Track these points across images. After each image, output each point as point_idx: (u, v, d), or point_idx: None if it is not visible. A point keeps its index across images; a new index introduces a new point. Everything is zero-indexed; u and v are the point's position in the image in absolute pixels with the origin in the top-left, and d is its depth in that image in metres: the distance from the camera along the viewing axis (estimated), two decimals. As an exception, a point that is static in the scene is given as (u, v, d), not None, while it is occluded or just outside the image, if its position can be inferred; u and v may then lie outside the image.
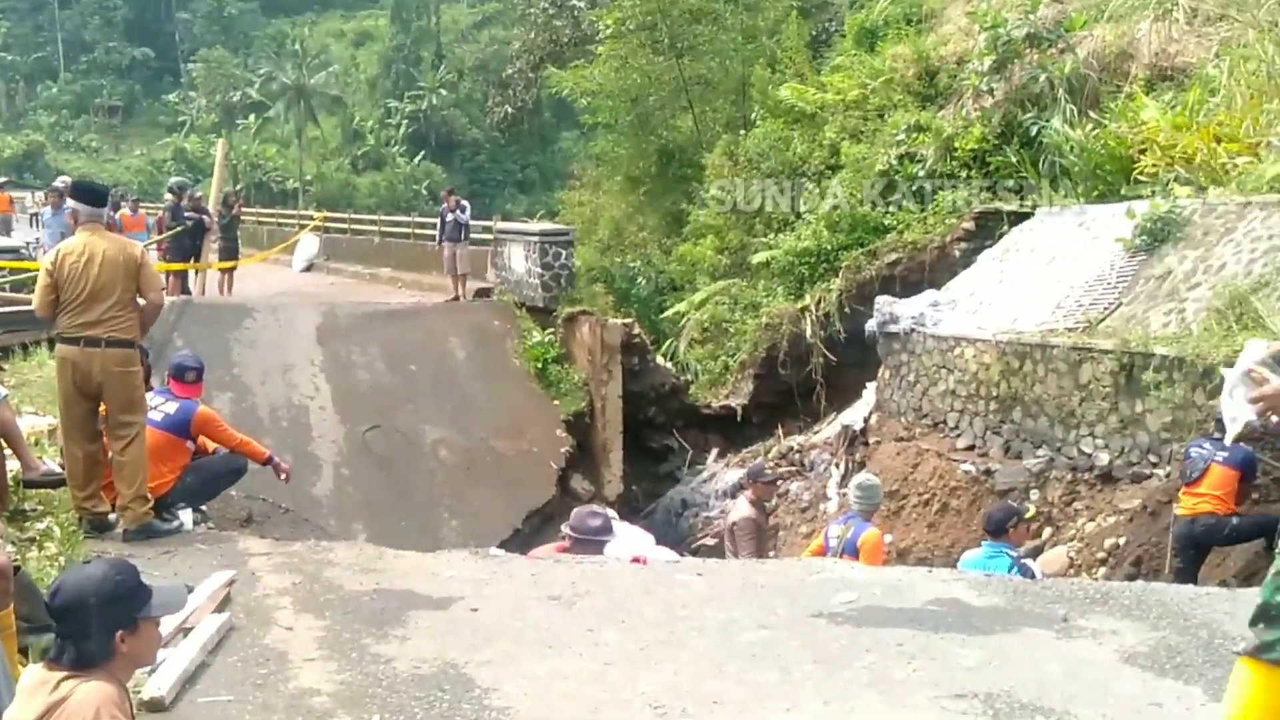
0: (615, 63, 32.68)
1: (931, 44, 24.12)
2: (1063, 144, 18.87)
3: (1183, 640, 5.54)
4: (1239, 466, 9.59)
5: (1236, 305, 12.98)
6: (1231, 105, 16.85)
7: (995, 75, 20.61)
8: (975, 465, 15.12)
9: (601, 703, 4.67)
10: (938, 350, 16.47)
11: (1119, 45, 20.00)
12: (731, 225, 26.23)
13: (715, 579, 6.67)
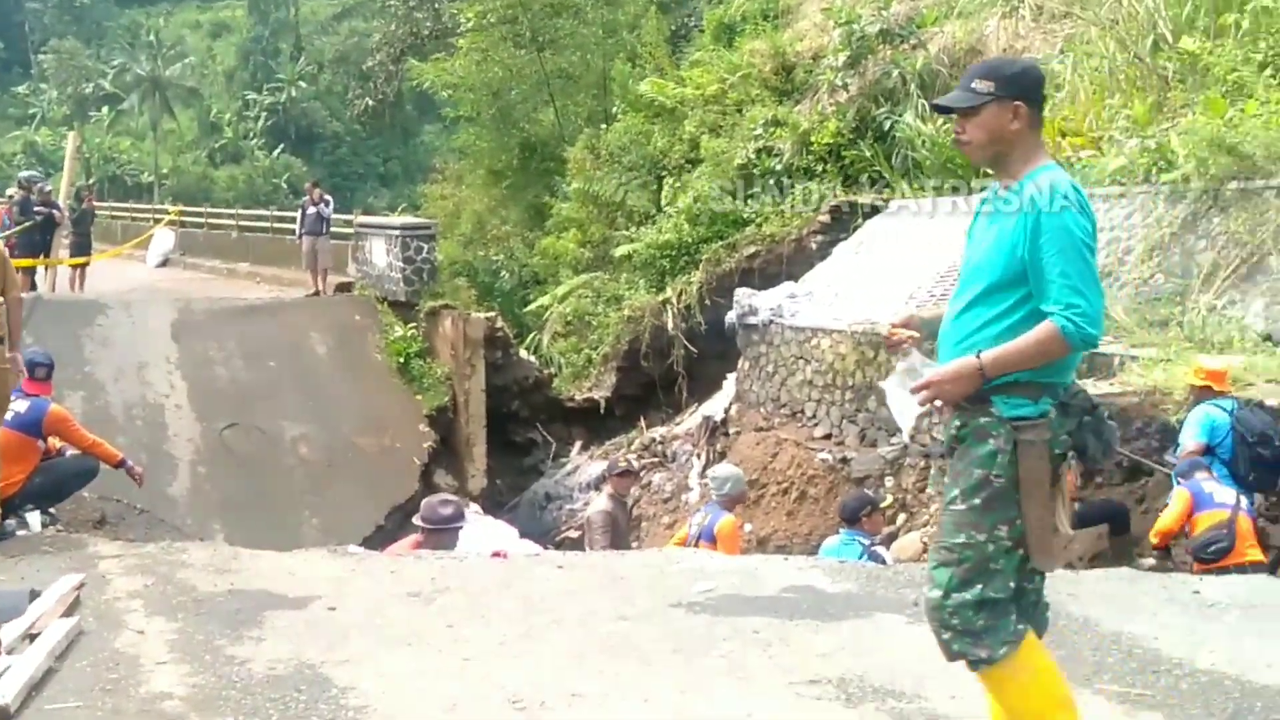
0: (476, 56, 32.53)
1: (788, 40, 24.43)
2: (915, 138, 19.31)
3: None
4: None
5: (1081, 294, 13.40)
6: (1075, 100, 17.42)
7: (850, 71, 20.99)
8: (832, 453, 15.40)
9: (460, 699, 4.66)
10: (795, 341, 16.71)
11: (968, 41, 20.51)
12: (594, 219, 26.29)
13: (575, 572, 6.71)
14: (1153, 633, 5.46)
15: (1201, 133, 13.34)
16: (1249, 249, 12.49)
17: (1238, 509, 8.08)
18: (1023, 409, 3.48)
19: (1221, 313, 12.08)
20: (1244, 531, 7.98)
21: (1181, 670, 4.94)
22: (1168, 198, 13.77)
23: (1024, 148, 3.63)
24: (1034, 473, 3.45)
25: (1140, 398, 10.56)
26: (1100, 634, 5.48)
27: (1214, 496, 8.18)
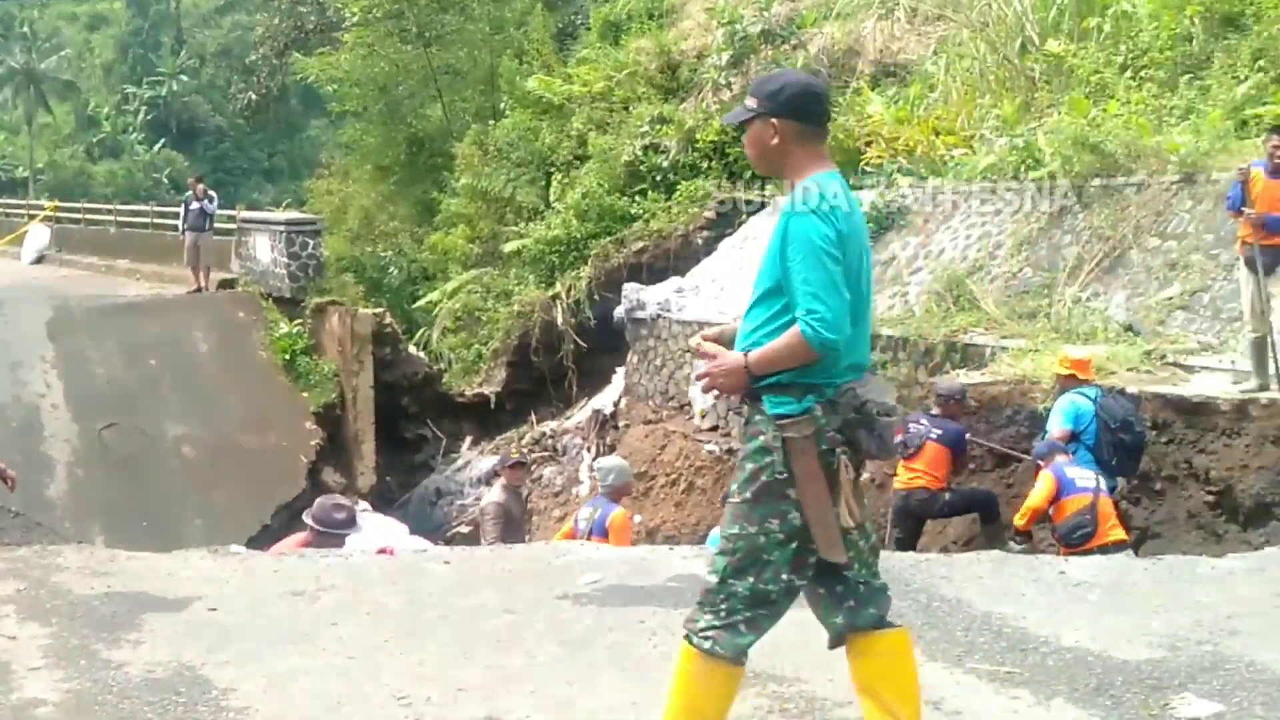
0: (362, 50, 32.22)
1: (673, 38, 24.64)
2: (797, 136, 19.58)
3: (903, 605, 5.75)
4: (950, 444, 10.04)
5: (954, 287, 13.85)
6: (948, 100, 17.91)
7: (733, 70, 21.27)
8: (719, 445, 15.62)
9: (344, 697, 4.65)
10: (683, 335, 16.88)
11: (847, 42, 20.96)
12: (483, 214, 26.22)
13: (463, 566, 6.72)
14: (1021, 612, 5.65)
15: (1066, 132, 13.85)
16: (1111, 243, 12.99)
17: (1098, 492, 8.41)
18: (785, 406, 3.56)
19: (1086, 304, 12.54)
20: (1105, 513, 8.33)
21: (1048, 648, 5.14)
22: (1035, 194, 14.25)
23: (793, 161, 3.70)
24: (804, 468, 3.53)
25: (1010, 387, 10.95)
26: (971, 615, 5.64)
27: (1076, 481, 8.49)
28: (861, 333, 3.68)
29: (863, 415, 3.52)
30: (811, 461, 3.52)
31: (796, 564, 3.62)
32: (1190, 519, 9.58)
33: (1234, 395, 9.69)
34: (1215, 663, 4.88)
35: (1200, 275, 11.91)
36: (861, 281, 3.63)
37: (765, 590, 3.64)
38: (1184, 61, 15.09)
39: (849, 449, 3.54)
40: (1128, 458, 9.11)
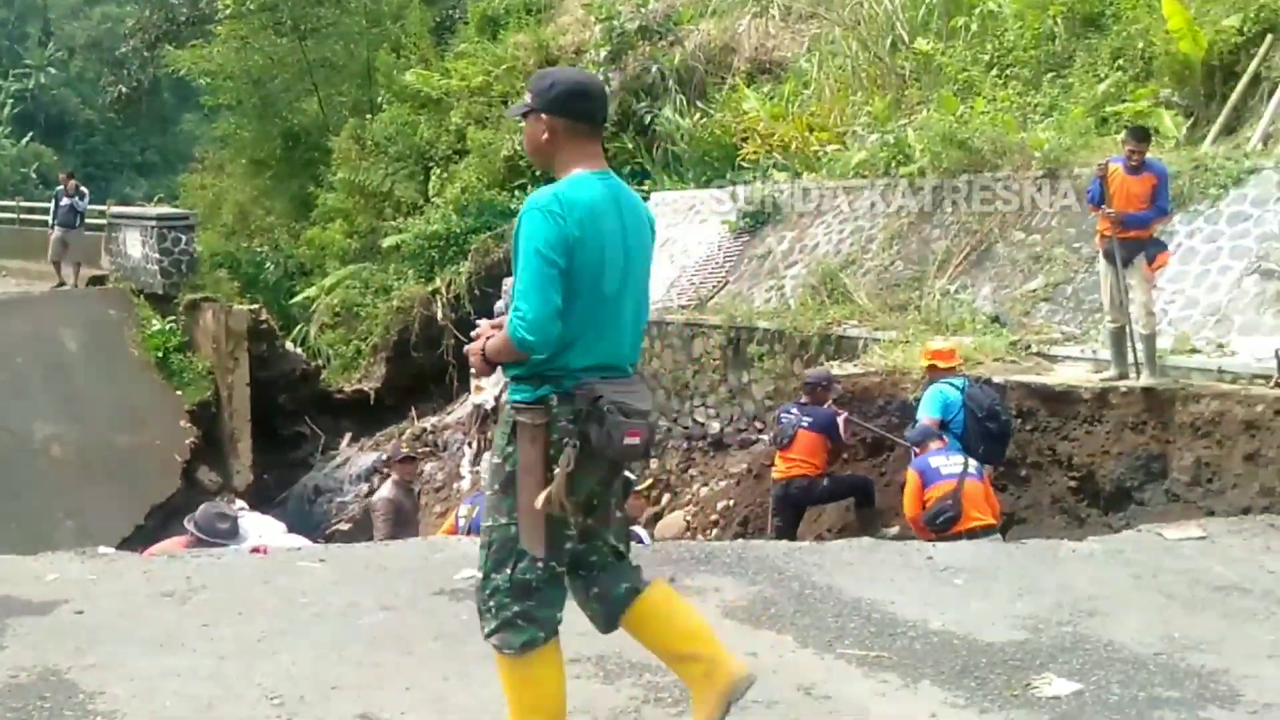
0: (235, 43, 31.71)
1: (551, 34, 24.68)
2: (674, 132, 19.84)
3: (777, 592, 5.90)
4: (822, 429, 10.18)
5: (828, 281, 14.09)
6: (822, 97, 18.20)
7: (611, 65, 21.34)
8: (599, 439, 15.68)
9: (216, 698, 4.56)
10: (561, 330, 16.92)
11: (723, 40, 21.20)
12: (361, 209, 26.01)
13: (338, 564, 6.63)
14: (890, 597, 5.77)
15: (935, 129, 14.17)
16: (978, 237, 13.33)
17: (964, 476, 8.52)
18: (522, 394, 3.63)
19: (955, 296, 12.85)
20: (971, 498, 8.44)
21: (916, 631, 5.26)
22: (906, 190, 14.56)
23: (562, 157, 3.74)
24: (526, 456, 3.59)
25: (881, 377, 11.19)
26: (842, 600, 5.74)
27: (941, 469, 8.63)
28: (610, 333, 3.67)
29: (595, 410, 3.52)
30: (534, 450, 3.56)
31: (550, 550, 3.64)
32: (1054, 504, 9.87)
33: (1095, 384, 10.01)
34: (1075, 643, 5.05)
35: (1063, 268, 12.27)
36: (604, 281, 3.62)
37: (524, 580, 3.66)
38: (1047, 60, 15.52)
39: (578, 443, 3.54)
40: (994, 445, 9.33)
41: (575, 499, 3.58)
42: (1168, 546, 6.70)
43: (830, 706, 4.42)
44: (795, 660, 4.97)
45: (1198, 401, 9.38)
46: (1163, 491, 9.46)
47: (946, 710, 4.38)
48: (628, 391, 3.62)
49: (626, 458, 3.64)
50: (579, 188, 3.61)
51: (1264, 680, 4.54)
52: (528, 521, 3.59)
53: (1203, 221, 11.42)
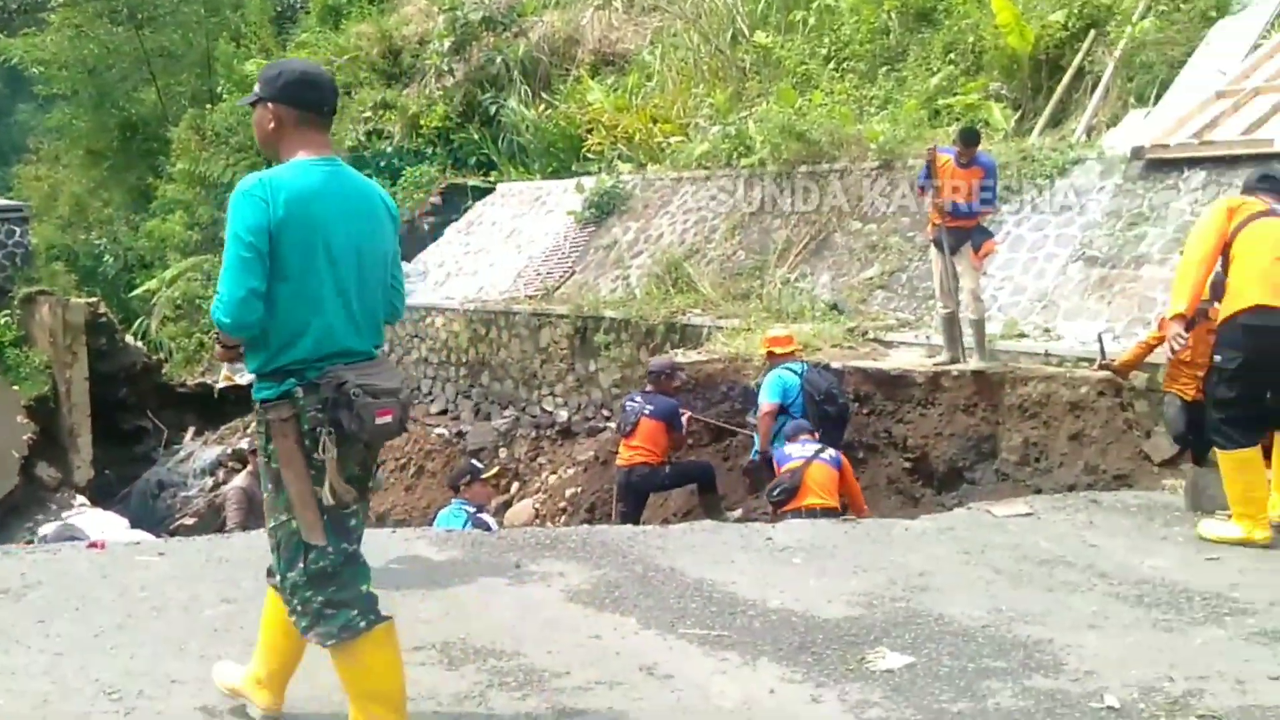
0: (70, 31, 30.57)
1: (394, 24, 24.45)
2: (519, 123, 19.81)
3: (621, 576, 5.94)
4: (664, 418, 10.20)
5: (673, 270, 14.23)
6: (664, 89, 18.35)
7: (455, 56, 21.27)
8: (448, 428, 15.67)
9: (51, 695, 4.42)
10: (410, 320, 16.82)
11: (567, 31, 21.24)
12: (201, 200, 25.36)
13: (178, 557, 6.46)
14: (731, 578, 5.85)
15: (774, 120, 14.41)
16: (817, 226, 13.61)
17: (812, 460, 8.64)
18: (266, 391, 3.65)
19: (795, 285, 13.10)
20: (812, 478, 8.55)
21: (755, 610, 5.35)
22: (747, 180, 14.78)
23: (287, 146, 3.76)
24: (284, 450, 3.62)
25: (724, 364, 11.34)
26: (685, 582, 5.80)
27: (792, 455, 8.77)
28: (341, 319, 3.68)
29: (341, 396, 3.55)
30: (289, 443, 3.59)
31: (337, 532, 3.67)
32: (890, 485, 10.12)
33: (928, 368, 10.30)
34: (908, 617, 5.18)
35: (898, 256, 12.60)
36: (323, 266, 3.63)
37: (319, 568, 3.69)
38: (882, 54, 15.91)
39: (333, 430, 3.57)
40: (832, 428, 9.51)
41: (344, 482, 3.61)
42: (996, 523, 6.90)
43: (672, 685, 4.46)
44: (638, 641, 5.00)
45: (1025, 384, 9.72)
46: (993, 471, 9.79)
47: (784, 685, 4.45)
48: (373, 373, 3.64)
49: (381, 437, 3.66)
50: (291, 172, 3.63)
51: (1085, 649, 4.71)
52: (303, 514, 3.60)
53: (1030, 211, 11.83)
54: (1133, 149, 11.30)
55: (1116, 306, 10.33)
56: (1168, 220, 10.59)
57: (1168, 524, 6.75)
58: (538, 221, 17.37)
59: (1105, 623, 5.05)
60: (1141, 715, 4.07)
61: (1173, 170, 10.92)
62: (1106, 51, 13.48)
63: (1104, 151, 11.79)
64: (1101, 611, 5.20)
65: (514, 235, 17.41)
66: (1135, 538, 6.50)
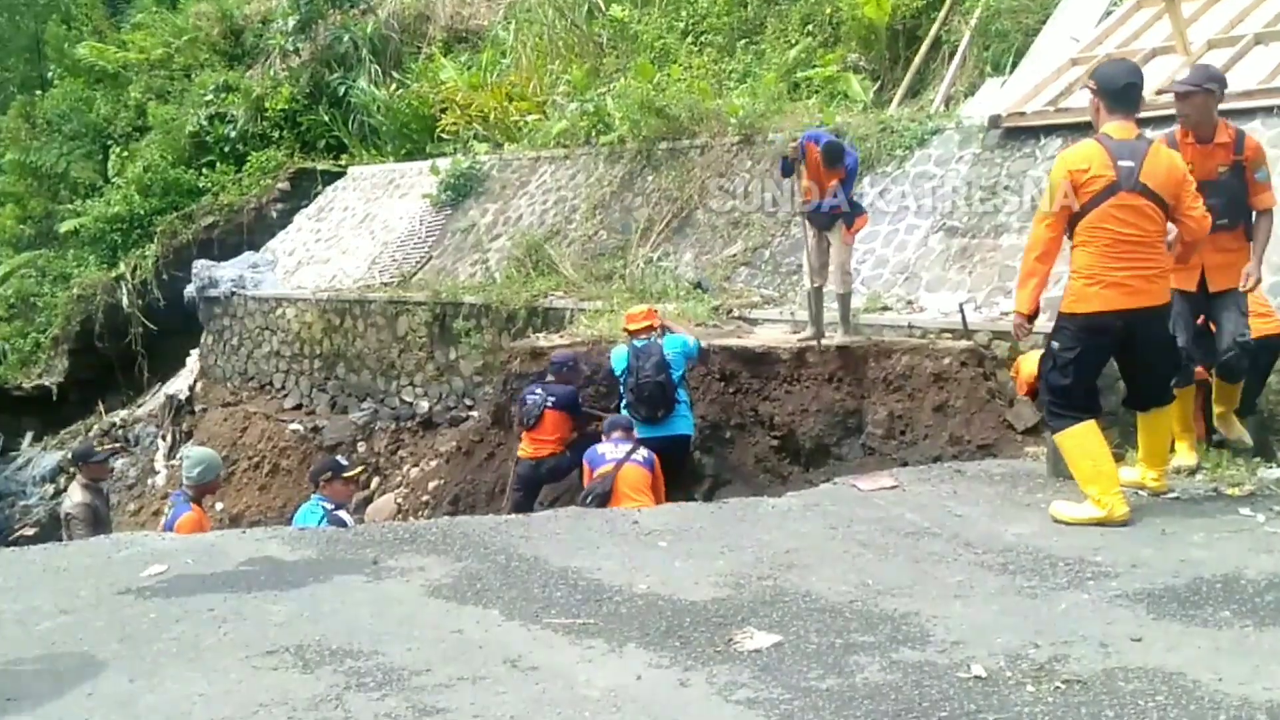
0: (-113, 15, 29.35)
1: (235, 2, 23.81)
2: (370, 104, 19.41)
3: (483, 568, 5.79)
4: (565, 407, 10.13)
5: (533, 253, 14.03)
6: (520, 66, 18.10)
7: (300, 35, 20.78)
8: (303, 424, 15.27)
9: None
10: (260, 312, 16.38)
11: (417, 8, 20.91)
12: (34, 192, 24.44)
13: (12, 568, 6.14)
14: (596, 564, 5.72)
15: (633, 97, 14.27)
16: (679, 204, 13.50)
17: (624, 461, 8.64)
18: None
19: (658, 264, 12.99)
20: (625, 481, 8.53)
21: (622, 596, 5.22)
22: (607, 158, 14.63)
23: None
24: None
25: (588, 347, 11.16)
26: (549, 571, 5.66)
27: (605, 456, 8.78)
28: None
29: None
30: None
31: None
32: (758, 463, 10.05)
33: (793, 344, 10.23)
34: (775, 596, 5.10)
35: (761, 232, 12.54)
36: None
37: None
38: (740, 27, 15.88)
39: None
40: (654, 397, 9.41)
41: None
42: (862, 498, 6.86)
43: (537, 677, 4.33)
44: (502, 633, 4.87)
45: (889, 357, 9.72)
46: (860, 445, 9.77)
47: (651, 671, 4.34)
48: None
49: None
50: None
51: (951, 619, 4.67)
52: None
53: (890, 183, 11.86)
54: (990, 118, 11.38)
55: (978, 276, 10.40)
56: (1025, 188, 10.68)
57: (1030, 491, 6.75)
58: (392, 206, 17.02)
59: (971, 592, 5.01)
60: (1008, 683, 4.02)
61: (1029, 138, 11.02)
62: (962, 21, 13.61)
63: (962, 121, 11.88)
64: (967, 581, 5.16)
65: (367, 220, 17.04)
66: (999, 506, 6.49)
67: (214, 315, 17.03)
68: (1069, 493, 6.24)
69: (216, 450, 14.40)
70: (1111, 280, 5.74)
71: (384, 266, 15.76)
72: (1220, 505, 6.16)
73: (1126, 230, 5.71)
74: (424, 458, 13.52)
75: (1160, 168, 5.74)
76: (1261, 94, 9.60)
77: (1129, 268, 5.73)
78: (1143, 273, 5.75)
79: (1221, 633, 4.37)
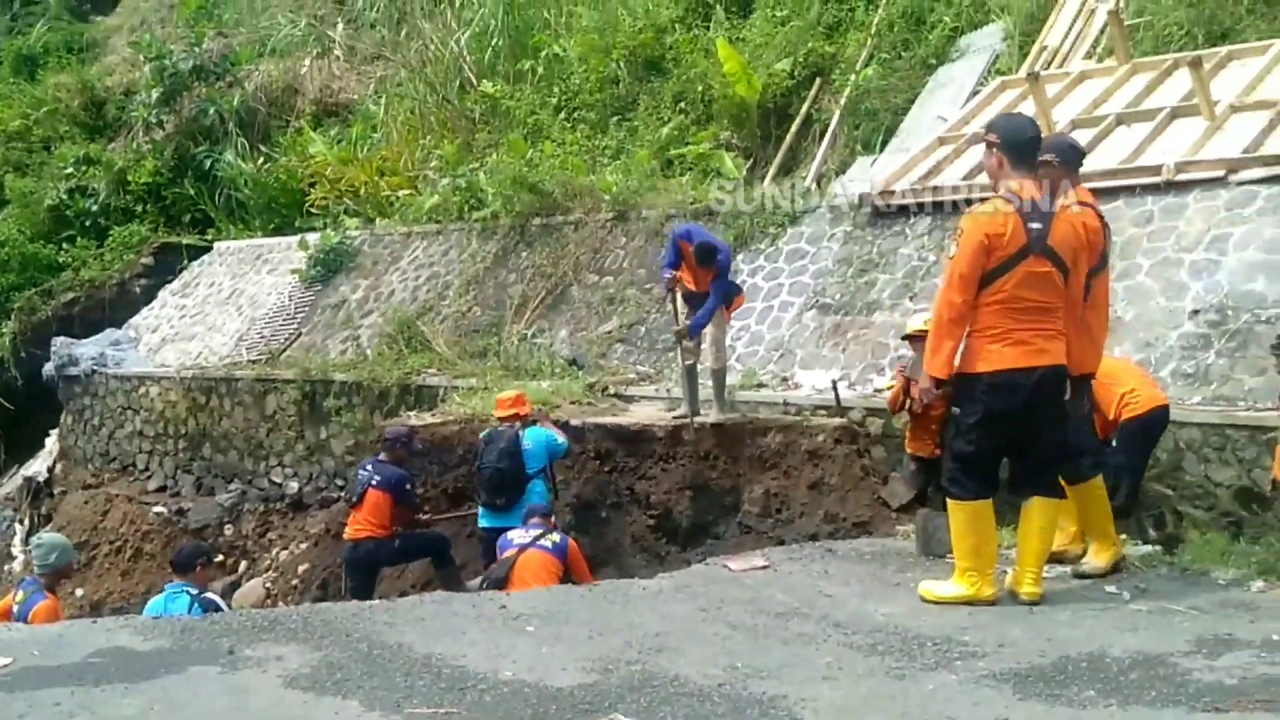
0: None
1: (97, 74, 23.49)
2: (237, 177, 19.13)
3: (344, 656, 5.61)
4: (390, 490, 9.87)
5: (405, 329, 13.84)
6: (391, 140, 17.99)
7: (165, 107, 20.43)
8: (168, 506, 14.80)
9: None
10: (122, 391, 15.92)
11: (285, 80, 20.71)
12: None
13: None
14: (462, 650, 5.56)
15: (506, 172, 14.25)
16: (553, 280, 13.43)
17: (528, 547, 8.38)
18: None
19: (532, 341, 12.88)
20: (525, 567, 8.29)
21: (487, 683, 5.06)
22: (480, 234, 14.54)
23: None
24: None
25: (461, 426, 10.99)
26: (412, 658, 5.49)
27: (513, 540, 8.53)
28: None
29: None
30: None
31: None
32: (635, 543, 9.95)
33: (668, 422, 10.15)
34: (644, 681, 4.98)
35: (635, 308, 12.51)
36: None
37: None
38: (613, 104, 15.94)
39: None
40: (505, 484, 9.32)
41: None
42: (733, 578, 6.80)
43: (394, 771, 4.15)
44: (360, 724, 4.67)
45: (765, 435, 9.69)
46: (736, 524, 9.70)
47: (515, 763, 4.19)
48: None
49: None
50: None
51: (820, 702, 4.60)
52: None
53: (764, 260, 11.91)
54: (860, 196, 11.51)
55: (851, 353, 10.45)
56: (897, 266, 10.78)
57: (900, 570, 6.75)
58: (260, 281, 16.72)
59: (840, 674, 4.95)
60: (875, 764, 3.96)
61: (900, 217, 11.15)
62: (833, 99, 13.81)
63: (833, 199, 11.98)
64: (836, 662, 5.10)
65: (234, 296, 16.70)
66: (869, 585, 6.47)
67: (74, 394, 16.50)
68: (938, 571, 6.23)
69: (77, 535, 13.97)
70: (1016, 339, 5.65)
71: (251, 343, 15.43)
72: (1086, 583, 6.18)
73: (1031, 293, 5.64)
74: (293, 540, 13.17)
75: (1065, 231, 5.70)
76: (1124, 174, 9.83)
77: (1031, 328, 5.65)
78: (1044, 333, 5.68)
79: (1086, 712, 4.36)
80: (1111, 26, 11.84)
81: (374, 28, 21.29)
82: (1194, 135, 9.89)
